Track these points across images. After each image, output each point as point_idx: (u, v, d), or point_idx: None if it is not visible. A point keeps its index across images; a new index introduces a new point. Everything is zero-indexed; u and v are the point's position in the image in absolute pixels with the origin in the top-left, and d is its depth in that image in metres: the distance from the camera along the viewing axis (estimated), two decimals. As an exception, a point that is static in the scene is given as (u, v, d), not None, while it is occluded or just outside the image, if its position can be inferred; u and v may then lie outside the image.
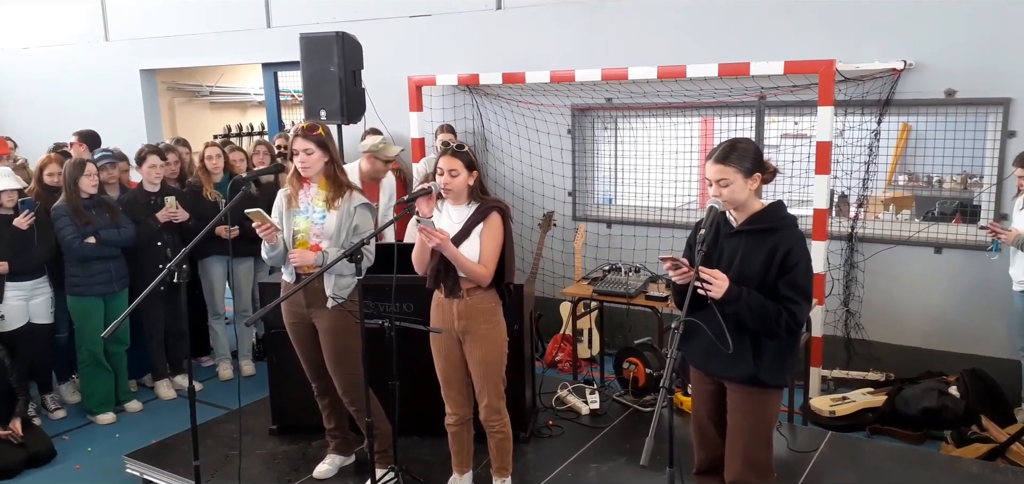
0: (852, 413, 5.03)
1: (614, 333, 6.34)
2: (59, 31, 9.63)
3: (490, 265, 3.53)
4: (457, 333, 3.61)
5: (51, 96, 9.65)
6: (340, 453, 4.27)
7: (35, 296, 5.28)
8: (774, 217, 2.99)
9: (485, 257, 3.52)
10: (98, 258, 5.24)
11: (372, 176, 5.30)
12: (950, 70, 5.08)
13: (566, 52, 6.33)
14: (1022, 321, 4.84)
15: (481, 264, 3.52)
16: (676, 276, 2.92)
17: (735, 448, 3.06)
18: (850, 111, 5.44)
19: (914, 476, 4.07)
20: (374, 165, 5.28)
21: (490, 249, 3.53)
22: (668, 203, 6.33)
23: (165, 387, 5.92)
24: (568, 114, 6.52)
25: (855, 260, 5.58)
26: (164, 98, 9.70)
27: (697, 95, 5.85)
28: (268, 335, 4.74)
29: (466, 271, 3.50)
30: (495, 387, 3.66)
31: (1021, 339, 4.89)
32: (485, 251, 3.52)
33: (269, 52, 8.10)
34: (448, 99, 6.94)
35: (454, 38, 6.87)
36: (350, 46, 6.21)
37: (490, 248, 3.53)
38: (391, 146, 5.36)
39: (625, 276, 5.26)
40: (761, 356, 2.94)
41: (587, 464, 4.29)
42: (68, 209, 5.15)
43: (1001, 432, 4.51)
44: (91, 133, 6.96)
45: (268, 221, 3.62)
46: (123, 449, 4.73)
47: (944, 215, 5.58)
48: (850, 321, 5.64)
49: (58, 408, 5.65)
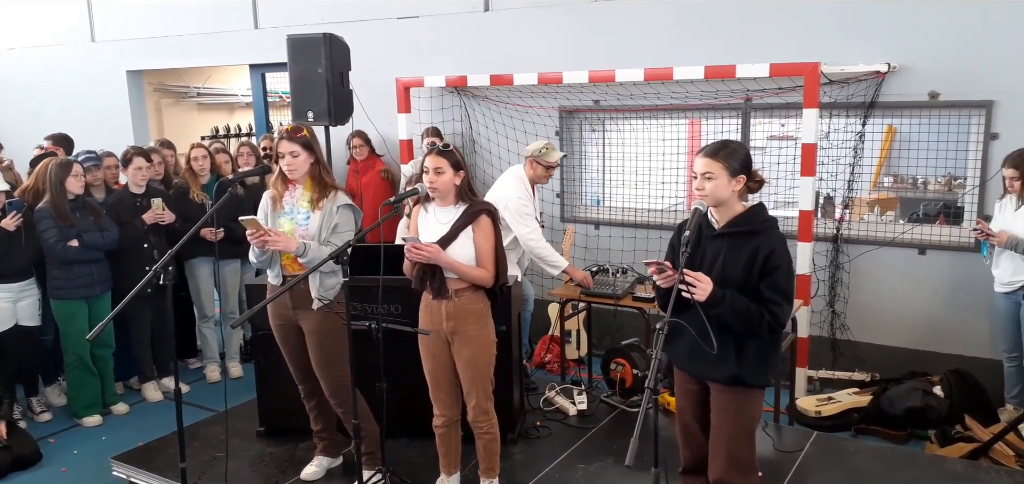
0: (838, 413, 5.06)
1: (602, 334, 6.36)
2: (45, 32, 9.57)
3: (490, 266, 3.56)
4: (445, 334, 3.62)
5: (37, 97, 9.59)
6: (328, 455, 4.27)
7: (22, 298, 5.25)
8: (755, 219, 3.01)
9: (483, 260, 3.56)
10: (81, 261, 5.21)
11: (535, 180, 5.08)
12: (933, 73, 5.13)
13: (554, 54, 6.34)
14: (1006, 322, 4.87)
15: (481, 267, 3.56)
16: (660, 280, 2.95)
17: (719, 447, 3.08)
18: (835, 113, 5.48)
19: (899, 475, 4.10)
20: (536, 170, 5.03)
21: (486, 250, 3.56)
22: (656, 205, 6.36)
23: (152, 389, 5.90)
24: (556, 116, 6.54)
25: (840, 261, 5.62)
26: (151, 99, 9.66)
27: (684, 97, 5.88)
28: (255, 337, 4.73)
29: (469, 277, 3.53)
30: (483, 389, 3.67)
31: (1004, 341, 4.92)
32: (482, 254, 3.56)
33: (256, 53, 8.08)
34: (436, 101, 6.94)
35: (442, 40, 6.88)
36: (338, 47, 6.20)
37: (486, 250, 3.56)
38: (554, 150, 5.06)
39: (613, 277, 5.28)
40: (744, 356, 2.97)
41: (574, 465, 4.31)
42: (52, 211, 5.12)
43: (984, 431, 4.55)
44: (64, 136, 6.93)
45: (262, 228, 3.61)
46: (109, 452, 4.71)
47: (928, 217, 5.63)
48: (835, 322, 5.68)
49: (44, 410, 5.61)
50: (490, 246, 3.57)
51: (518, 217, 4.87)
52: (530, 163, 5.04)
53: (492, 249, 3.58)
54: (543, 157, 5.00)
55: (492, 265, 3.57)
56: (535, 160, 5.01)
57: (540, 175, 5.06)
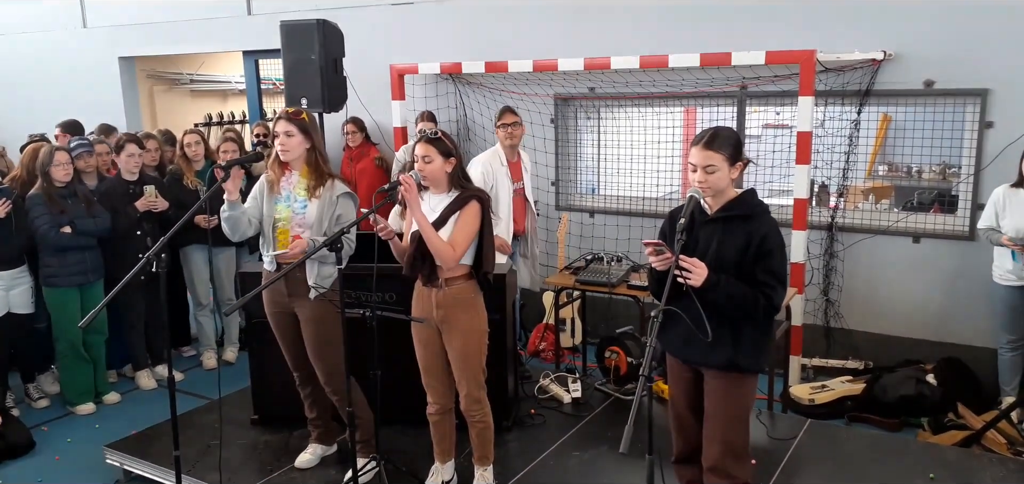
0: (831, 401, 5.08)
1: (596, 322, 6.36)
2: (36, 18, 9.49)
3: (458, 247, 3.47)
4: (436, 322, 3.61)
5: (29, 84, 9.53)
6: (322, 442, 4.27)
7: (15, 286, 5.21)
8: (748, 204, 3.02)
9: (454, 238, 3.48)
10: (73, 248, 5.19)
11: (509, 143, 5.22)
12: (929, 61, 5.13)
13: (549, 41, 6.32)
14: (1010, 313, 4.79)
15: (449, 244, 3.47)
16: (656, 262, 2.94)
17: (713, 433, 3.09)
18: (830, 101, 5.48)
19: (892, 463, 4.11)
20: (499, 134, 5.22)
21: (461, 233, 3.48)
22: (651, 193, 6.35)
23: (146, 377, 5.89)
24: (551, 103, 6.52)
25: (835, 249, 5.63)
26: (144, 86, 9.61)
27: (679, 85, 5.87)
28: (250, 325, 4.72)
29: (431, 245, 3.43)
30: (474, 377, 3.66)
31: (1007, 332, 4.85)
32: (456, 233, 3.48)
33: (250, 40, 8.03)
34: (430, 88, 6.91)
35: (437, 26, 6.85)
36: (331, 34, 6.17)
37: (461, 232, 3.48)
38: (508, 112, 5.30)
39: (607, 265, 5.27)
40: (739, 341, 2.97)
41: (569, 452, 4.31)
42: (43, 198, 5.09)
43: (977, 419, 4.57)
44: (73, 122, 6.89)
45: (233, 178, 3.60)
46: (103, 440, 4.70)
47: (923, 205, 5.64)
48: (830, 310, 5.69)
49: (41, 397, 5.60)
50: (467, 230, 3.49)
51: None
52: (497, 131, 5.27)
53: (468, 233, 3.49)
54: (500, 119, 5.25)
55: (461, 246, 3.47)
56: (497, 126, 5.25)
57: (500, 136, 5.24)
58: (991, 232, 4.74)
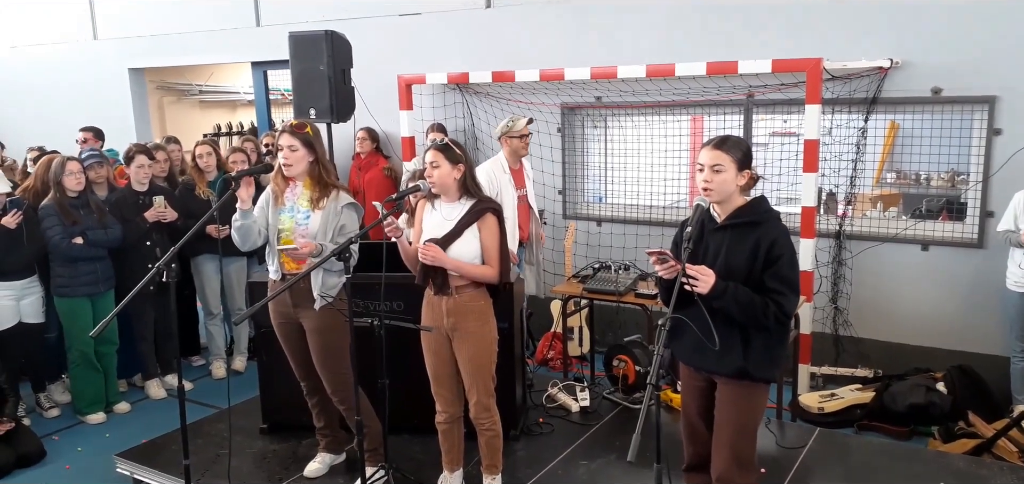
0: (840, 409, 5.06)
1: (604, 331, 6.35)
2: (47, 30, 9.59)
3: (496, 264, 3.58)
4: (446, 330, 3.62)
5: (39, 96, 9.62)
6: (330, 452, 4.27)
7: (26, 296, 5.26)
8: (757, 211, 3.02)
9: (490, 258, 3.58)
10: (85, 259, 5.23)
11: (516, 153, 5.30)
12: (936, 68, 5.12)
13: (555, 50, 6.34)
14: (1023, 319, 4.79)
15: (487, 265, 3.58)
16: (662, 271, 2.94)
17: (722, 441, 3.08)
18: (838, 109, 5.47)
19: (902, 472, 4.09)
20: (511, 144, 5.27)
21: (493, 249, 3.58)
22: (658, 201, 6.35)
23: (155, 387, 5.91)
24: (558, 112, 6.53)
25: (843, 257, 5.62)
26: (153, 97, 9.68)
27: (686, 93, 5.87)
28: (258, 334, 4.74)
29: (472, 276, 3.55)
30: (484, 385, 3.67)
31: (1021, 340, 4.83)
32: (488, 252, 3.58)
33: (258, 51, 8.08)
34: (438, 98, 6.94)
35: (444, 36, 6.88)
36: (339, 45, 6.21)
37: (493, 248, 3.58)
38: (519, 119, 5.32)
39: (615, 274, 5.28)
40: (750, 350, 2.96)
41: (577, 461, 4.31)
42: (56, 209, 5.13)
43: (988, 428, 4.54)
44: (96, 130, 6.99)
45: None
46: (113, 449, 4.71)
47: (931, 212, 5.62)
48: (838, 318, 5.67)
49: (53, 406, 5.63)
50: (496, 244, 3.59)
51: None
52: (504, 141, 5.28)
53: (498, 247, 3.59)
54: (511, 130, 5.24)
55: (498, 263, 3.59)
56: (507, 137, 5.26)
57: (517, 147, 5.28)
58: (1009, 233, 4.74)
